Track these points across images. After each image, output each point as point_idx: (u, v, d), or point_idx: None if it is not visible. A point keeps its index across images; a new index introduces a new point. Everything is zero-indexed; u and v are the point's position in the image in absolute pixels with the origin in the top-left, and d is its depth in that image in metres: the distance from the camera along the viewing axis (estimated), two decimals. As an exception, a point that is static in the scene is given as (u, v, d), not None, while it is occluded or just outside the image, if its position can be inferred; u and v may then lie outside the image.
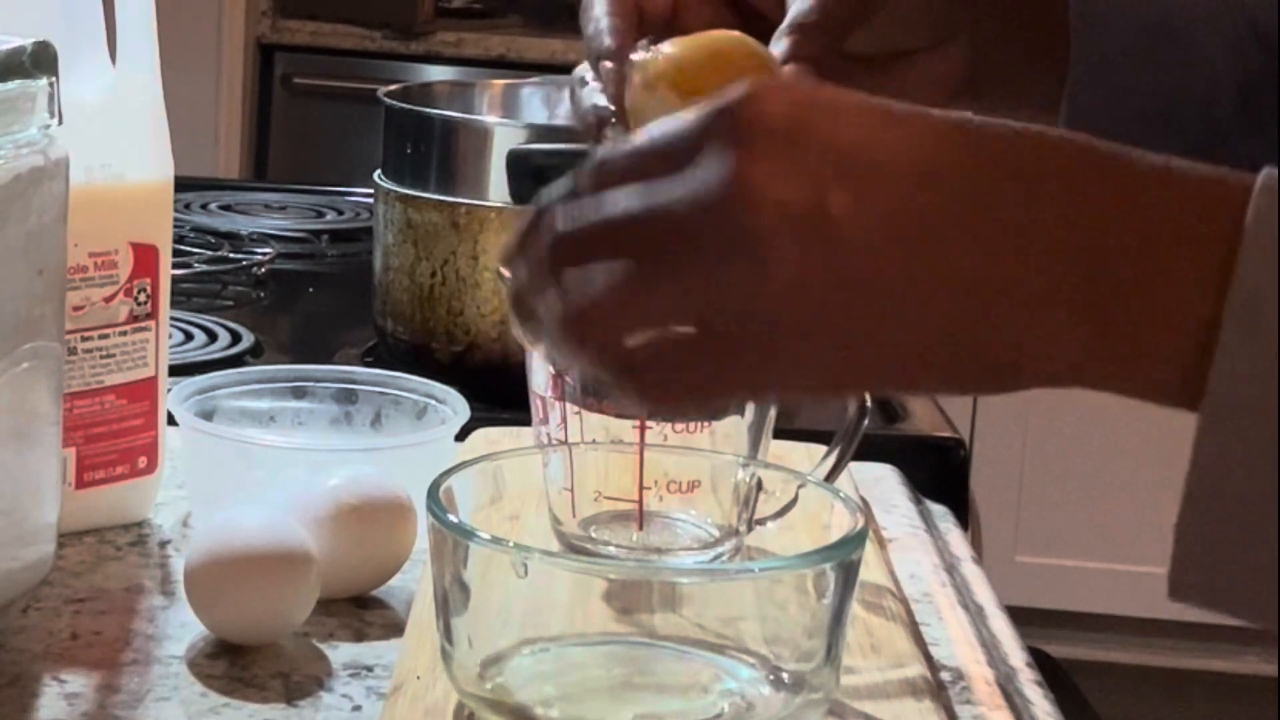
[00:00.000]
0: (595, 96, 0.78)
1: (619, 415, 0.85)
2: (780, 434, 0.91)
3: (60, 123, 0.84)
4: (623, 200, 0.59)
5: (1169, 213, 0.58)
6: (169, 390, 0.99)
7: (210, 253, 1.65)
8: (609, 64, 0.78)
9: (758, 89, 0.59)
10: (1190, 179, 0.59)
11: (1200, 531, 0.58)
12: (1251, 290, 0.56)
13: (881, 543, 1.00)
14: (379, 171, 1.37)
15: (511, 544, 0.73)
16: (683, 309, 0.59)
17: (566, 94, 1.50)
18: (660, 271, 0.58)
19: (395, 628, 0.87)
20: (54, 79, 0.83)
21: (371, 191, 1.39)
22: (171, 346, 1.11)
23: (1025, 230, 0.57)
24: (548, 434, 0.88)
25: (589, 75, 0.79)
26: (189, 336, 1.40)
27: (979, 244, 0.57)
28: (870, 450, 1.00)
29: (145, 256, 0.97)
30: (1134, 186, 0.58)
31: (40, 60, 0.82)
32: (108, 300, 0.96)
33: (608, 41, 0.78)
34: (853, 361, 0.59)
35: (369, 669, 0.83)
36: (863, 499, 1.00)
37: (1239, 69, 0.80)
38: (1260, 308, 0.56)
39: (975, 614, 0.94)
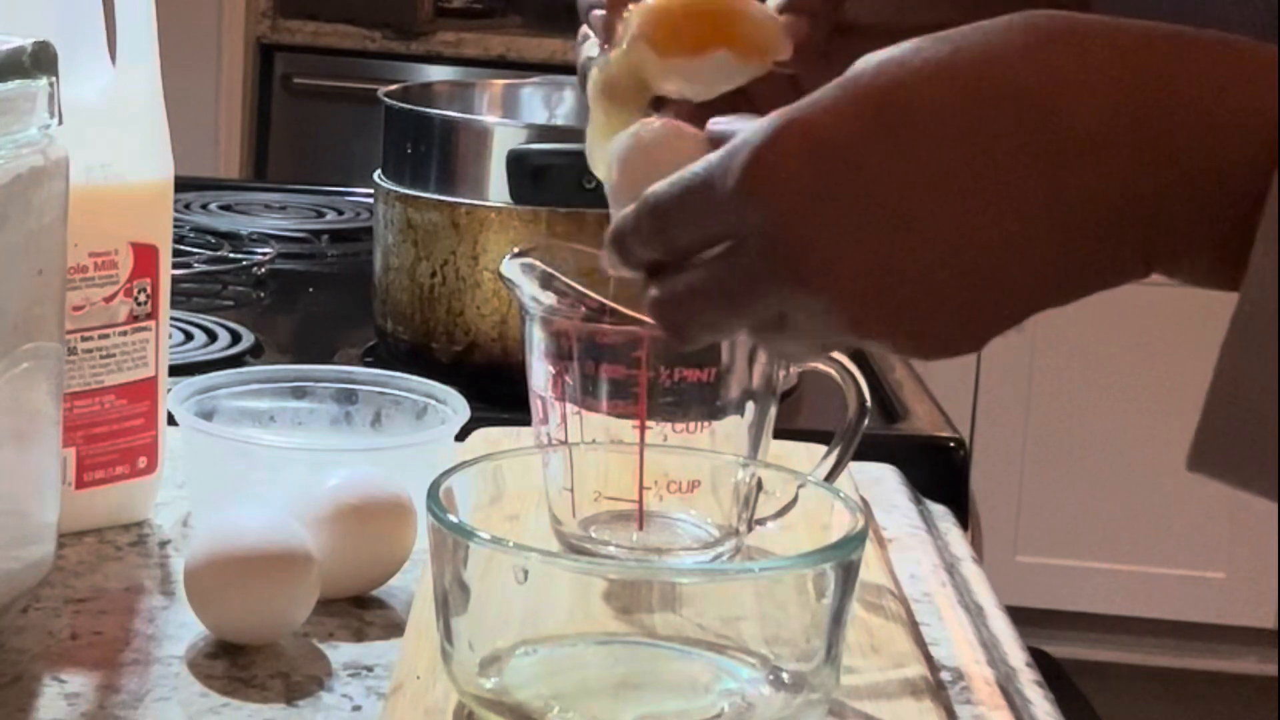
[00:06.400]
0: (591, 49, 0.79)
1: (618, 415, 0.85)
2: (780, 434, 0.91)
3: (60, 123, 0.83)
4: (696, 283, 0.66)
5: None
6: (169, 390, 0.99)
7: (210, 253, 1.65)
8: (598, 12, 0.79)
9: (770, 141, 0.61)
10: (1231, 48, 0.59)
11: (1230, 402, 0.58)
12: None
13: (881, 543, 1.00)
14: (379, 171, 1.37)
15: (511, 544, 0.73)
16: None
17: (566, 93, 1.50)
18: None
19: (395, 628, 0.87)
20: (54, 79, 0.83)
21: (371, 191, 1.39)
22: (171, 346, 1.11)
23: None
24: (548, 434, 0.88)
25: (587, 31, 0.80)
26: (189, 336, 1.40)
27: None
28: (870, 450, 1.00)
29: (145, 256, 0.97)
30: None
31: (40, 60, 0.82)
32: (108, 300, 0.96)
33: None
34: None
35: (369, 669, 0.83)
36: (863, 499, 1.00)
37: None
38: None
39: (975, 614, 0.94)
